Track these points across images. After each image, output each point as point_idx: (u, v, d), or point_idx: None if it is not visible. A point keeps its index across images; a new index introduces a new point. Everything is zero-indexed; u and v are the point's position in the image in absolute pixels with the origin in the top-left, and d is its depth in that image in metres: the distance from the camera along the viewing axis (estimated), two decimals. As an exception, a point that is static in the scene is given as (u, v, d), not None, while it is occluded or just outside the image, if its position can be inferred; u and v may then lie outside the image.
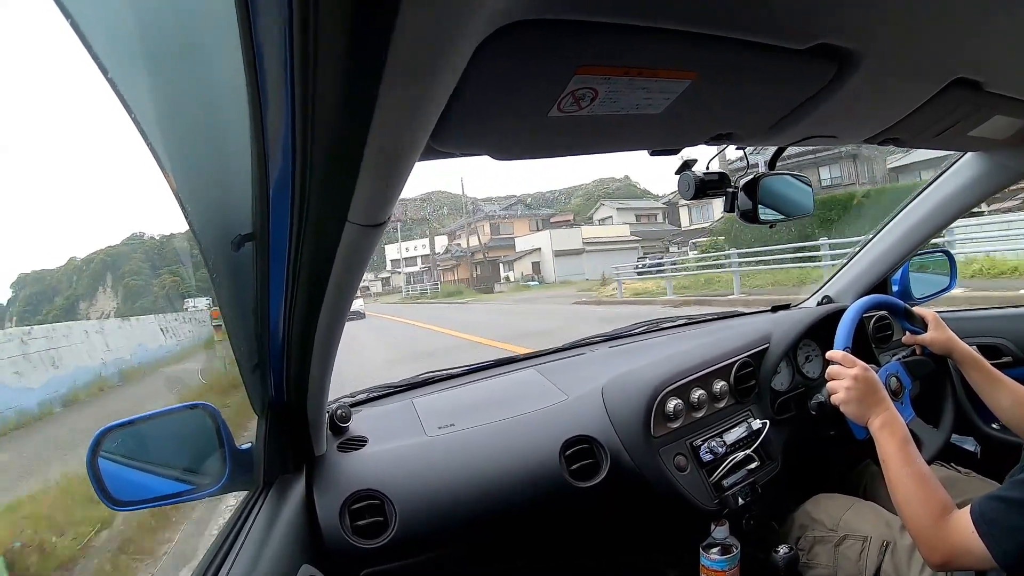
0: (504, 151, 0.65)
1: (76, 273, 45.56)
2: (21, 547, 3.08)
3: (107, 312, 36.67)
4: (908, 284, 1.60)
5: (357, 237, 0.49)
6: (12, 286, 52.19)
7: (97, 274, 43.50)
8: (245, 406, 0.89)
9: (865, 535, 1.06)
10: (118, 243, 46.81)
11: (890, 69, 0.65)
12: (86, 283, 43.93)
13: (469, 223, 43.47)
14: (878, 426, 0.93)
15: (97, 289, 43.25)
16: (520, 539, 1.05)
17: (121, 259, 39.35)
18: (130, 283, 31.30)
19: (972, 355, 1.12)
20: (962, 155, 1.32)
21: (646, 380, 1.14)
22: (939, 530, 0.80)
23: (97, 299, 42.55)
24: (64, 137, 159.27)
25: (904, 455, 0.89)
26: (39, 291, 48.48)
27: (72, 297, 43.83)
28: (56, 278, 48.42)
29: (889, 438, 0.91)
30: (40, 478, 4.41)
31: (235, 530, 0.77)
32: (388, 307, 29.36)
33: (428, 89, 0.37)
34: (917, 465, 0.88)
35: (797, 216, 1.04)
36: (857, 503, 1.16)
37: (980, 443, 1.51)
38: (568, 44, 0.45)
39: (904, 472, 0.87)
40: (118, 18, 0.40)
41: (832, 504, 1.17)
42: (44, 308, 44.44)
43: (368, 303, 35.79)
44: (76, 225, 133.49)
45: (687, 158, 0.93)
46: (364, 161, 0.39)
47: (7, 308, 49.63)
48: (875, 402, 0.96)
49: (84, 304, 42.79)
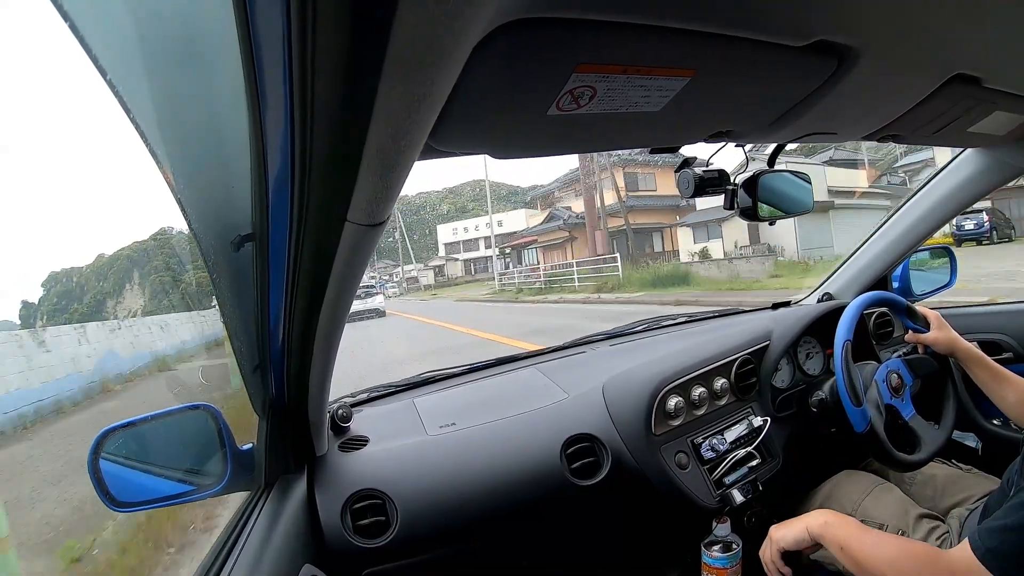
0: (503, 150, 0.65)
1: (105, 269, 45.28)
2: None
3: (135, 310, 36.42)
4: (908, 280, 1.60)
5: (357, 237, 0.49)
6: (43, 284, 51.96)
7: (124, 271, 43.21)
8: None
9: (882, 522, 1.06)
10: (146, 238, 46.17)
11: (889, 65, 0.65)
12: (112, 281, 43.72)
13: (595, 174, 21.34)
14: (820, 526, 0.91)
15: (124, 286, 43.08)
16: (522, 538, 1.05)
17: (148, 255, 38.77)
18: (156, 279, 30.79)
19: (976, 353, 1.12)
20: (962, 151, 1.32)
21: (647, 378, 1.14)
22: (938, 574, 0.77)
23: (124, 297, 42.44)
24: (83, 137, 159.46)
25: (860, 529, 0.88)
26: (68, 289, 48.35)
27: (100, 294, 43.72)
28: (85, 276, 48.20)
29: (837, 528, 0.89)
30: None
31: (237, 530, 0.77)
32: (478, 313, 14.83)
33: (427, 88, 0.36)
34: (876, 532, 0.88)
35: (796, 212, 1.04)
36: (878, 486, 1.15)
37: (981, 439, 1.51)
38: (566, 42, 0.45)
39: (871, 541, 0.85)
40: (116, 19, 0.40)
41: (854, 486, 1.17)
42: (72, 306, 44.36)
43: (419, 298, 30.28)
44: (101, 223, 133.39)
45: (687, 155, 0.93)
46: (363, 161, 0.39)
47: (38, 307, 49.57)
48: (799, 520, 0.95)
49: (111, 302, 42.70)
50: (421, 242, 61.77)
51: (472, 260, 43.98)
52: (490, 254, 34.46)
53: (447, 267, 45.10)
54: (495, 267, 29.92)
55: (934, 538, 1.01)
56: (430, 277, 44.95)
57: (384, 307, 17.86)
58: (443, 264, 45.80)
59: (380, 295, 19.04)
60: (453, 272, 43.99)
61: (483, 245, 41.47)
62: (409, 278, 45.30)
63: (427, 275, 45.54)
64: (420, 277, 45.29)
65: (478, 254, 43.24)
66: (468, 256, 44.32)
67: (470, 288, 33.04)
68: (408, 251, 48.53)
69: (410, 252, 48.73)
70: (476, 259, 43.41)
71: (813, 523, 0.92)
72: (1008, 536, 0.71)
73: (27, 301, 51.39)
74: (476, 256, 43.43)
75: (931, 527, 1.03)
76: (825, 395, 1.23)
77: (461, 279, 41.54)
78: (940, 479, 1.18)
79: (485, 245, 40.18)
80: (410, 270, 46.71)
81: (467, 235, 44.83)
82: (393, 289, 39.78)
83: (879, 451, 1.10)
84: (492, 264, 32.39)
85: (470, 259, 43.95)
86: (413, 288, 43.15)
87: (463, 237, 45.13)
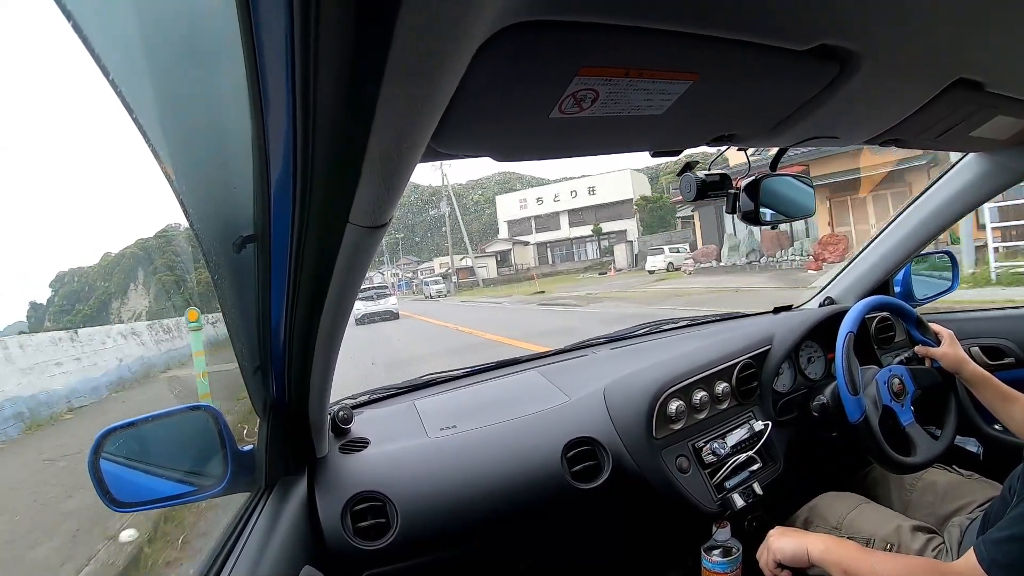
0: (505, 152, 0.65)
1: (111, 268, 44.76)
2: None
3: (139, 312, 35.87)
4: (910, 285, 1.59)
5: (359, 239, 0.49)
6: (51, 284, 51.56)
7: (129, 270, 42.59)
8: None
9: (869, 536, 1.05)
10: (151, 236, 45.37)
11: (892, 70, 0.65)
12: (118, 280, 43.16)
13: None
14: (821, 551, 0.91)
15: (128, 287, 42.52)
16: (522, 541, 1.05)
17: (155, 253, 37.48)
18: (163, 278, 29.84)
19: (983, 375, 1.11)
20: (963, 156, 1.32)
21: (648, 381, 1.14)
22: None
23: (129, 297, 41.94)
24: (86, 137, 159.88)
25: (861, 551, 0.88)
26: (75, 289, 47.99)
27: (106, 294, 43.31)
28: (93, 276, 47.76)
29: (838, 551, 0.89)
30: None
31: (237, 531, 0.77)
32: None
33: (429, 91, 0.37)
34: (878, 552, 0.89)
35: (799, 217, 1.04)
36: (863, 503, 1.15)
37: (983, 444, 1.50)
38: (569, 45, 0.45)
39: (874, 561, 0.85)
40: (120, 20, 0.40)
41: (838, 503, 1.17)
42: (78, 307, 43.97)
43: (472, 298, 22.88)
44: (109, 222, 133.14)
45: (689, 159, 0.93)
46: (365, 163, 0.39)
47: (47, 308, 49.30)
48: (802, 536, 0.96)
49: (116, 303, 42.29)
50: (473, 226, 49.40)
51: (550, 244, 31.13)
52: (582, 234, 23.94)
53: (514, 253, 32.48)
54: (532, 256, 21.34)
55: (930, 549, 1.00)
56: (491, 267, 32.71)
57: (397, 309, 16.87)
58: (507, 250, 32.81)
59: (393, 295, 18.01)
60: (522, 260, 32.14)
61: (566, 222, 29.83)
62: (462, 268, 32.99)
63: (487, 264, 32.62)
64: (477, 266, 32.39)
65: (558, 235, 30.34)
66: (544, 238, 31.53)
67: (559, 282, 22.78)
68: (461, 231, 35.17)
69: (464, 235, 35.44)
70: (556, 242, 30.35)
71: (814, 548, 0.92)
72: (1013, 547, 0.71)
73: (35, 302, 51.32)
74: (556, 238, 30.12)
75: (926, 539, 1.02)
76: (826, 399, 1.22)
77: (531, 270, 29.34)
78: (941, 485, 1.18)
79: (570, 222, 28.87)
80: (459, 261, 34.21)
81: (540, 209, 31.86)
82: (437, 286, 28.95)
83: (873, 447, 1.09)
84: (586, 249, 22.68)
85: (548, 243, 31.42)
86: (467, 285, 30.73)
87: (535, 211, 32.03)
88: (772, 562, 0.97)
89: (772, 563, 0.97)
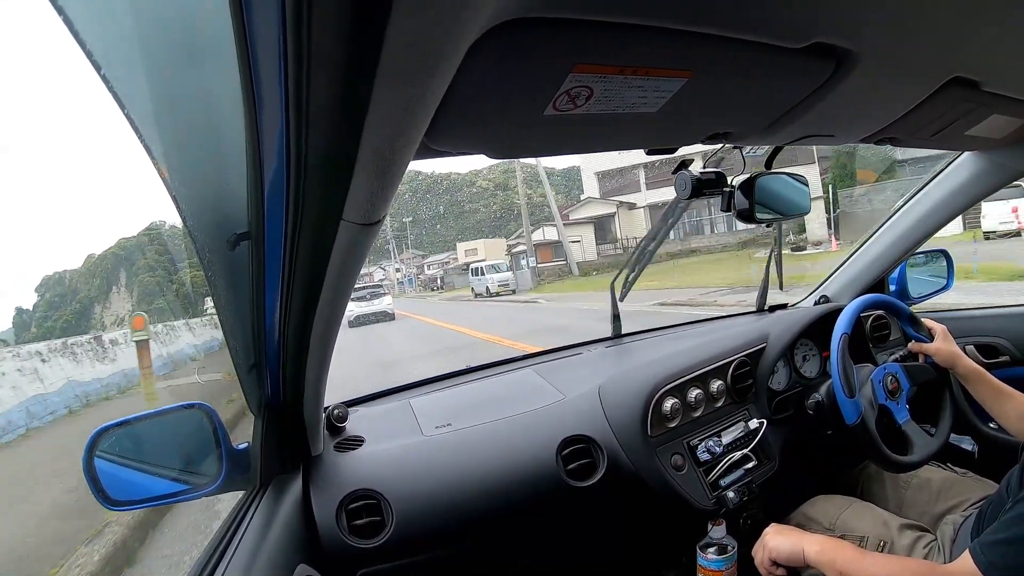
0: (499, 150, 0.65)
1: (94, 270, 44.21)
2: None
3: (121, 316, 35.36)
4: (905, 283, 1.60)
5: (353, 236, 0.49)
6: (37, 289, 51.10)
7: (110, 271, 41.99)
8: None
9: (862, 535, 1.06)
10: (135, 234, 44.73)
11: (887, 68, 0.65)
12: (98, 284, 42.61)
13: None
14: (816, 553, 0.91)
15: (111, 290, 41.98)
16: (517, 539, 1.05)
17: (137, 252, 36.43)
18: (145, 279, 28.94)
19: (976, 370, 1.11)
20: (959, 154, 1.32)
21: (643, 380, 1.14)
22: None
23: (111, 301, 41.39)
24: (79, 134, 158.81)
25: (857, 552, 0.88)
26: (61, 293, 47.49)
27: (86, 299, 42.85)
28: (76, 279, 47.23)
29: (834, 553, 0.89)
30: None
31: (231, 530, 0.77)
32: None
33: (422, 88, 0.36)
34: (873, 554, 0.89)
35: (794, 215, 1.04)
36: (855, 503, 1.16)
37: (978, 443, 1.51)
38: (563, 43, 0.45)
39: (869, 562, 0.85)
40: (112, 18, 0.40)
41: (829, 504, 1.17)
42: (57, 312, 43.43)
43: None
44: (94, 221, 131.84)
45: (684, 157, 0.93)
46: (359, 160, 0.39)
47: (33, 313, 48.90)
48: (799, 536, 0.96)
49: (98, 307, 41.84)
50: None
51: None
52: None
53: (617, 220, 20.91)
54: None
55: (920, 547, 1.01)
56: (587, 242, 21.30)
57: (392, 309, 15.10)
58: (607, 215, 21.13)
59: (388, 295, 16.79)
60: (628, 230, 20.68)
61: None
62: (542, 244, 22.47)
63: (580, 237, 21.16)
64: (570, 241, 20.49)
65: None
66: (660, 198, 19.77)
67: (719, 268, 13.59)
68: (542, 177, 22.41)
69: (546, 184, 22.18)
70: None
71: (810, 548, 0.92)
72: (1011, 549, 0.71)
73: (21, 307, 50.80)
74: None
75: (916, 536, 1.03)
76: (821, 397, 1.23)
77: (609, 260, 19.58)
78: (936, 483, 1.18)
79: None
80: (513, 245, 24.38)
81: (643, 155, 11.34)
82: (499, 275, 20.27)
83: (871, 448, 1.10)
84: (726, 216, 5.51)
85: (663, 205, 12.76)
86: (553, 277, 20.12)
87: (639, 157, 12.91)
88: (768, 560, 0.97)
89: (768, 561, 0.97)
